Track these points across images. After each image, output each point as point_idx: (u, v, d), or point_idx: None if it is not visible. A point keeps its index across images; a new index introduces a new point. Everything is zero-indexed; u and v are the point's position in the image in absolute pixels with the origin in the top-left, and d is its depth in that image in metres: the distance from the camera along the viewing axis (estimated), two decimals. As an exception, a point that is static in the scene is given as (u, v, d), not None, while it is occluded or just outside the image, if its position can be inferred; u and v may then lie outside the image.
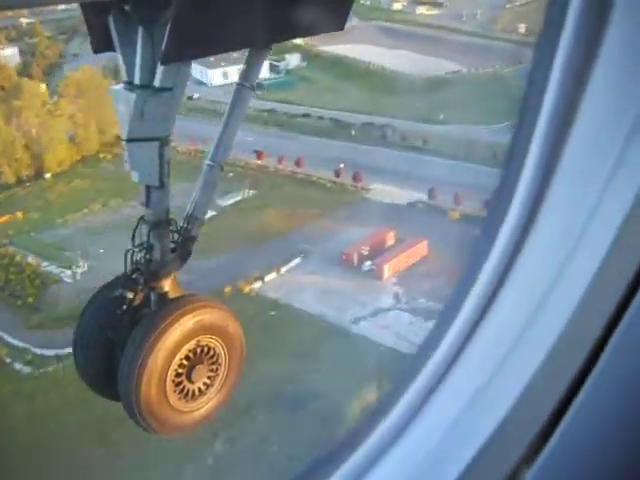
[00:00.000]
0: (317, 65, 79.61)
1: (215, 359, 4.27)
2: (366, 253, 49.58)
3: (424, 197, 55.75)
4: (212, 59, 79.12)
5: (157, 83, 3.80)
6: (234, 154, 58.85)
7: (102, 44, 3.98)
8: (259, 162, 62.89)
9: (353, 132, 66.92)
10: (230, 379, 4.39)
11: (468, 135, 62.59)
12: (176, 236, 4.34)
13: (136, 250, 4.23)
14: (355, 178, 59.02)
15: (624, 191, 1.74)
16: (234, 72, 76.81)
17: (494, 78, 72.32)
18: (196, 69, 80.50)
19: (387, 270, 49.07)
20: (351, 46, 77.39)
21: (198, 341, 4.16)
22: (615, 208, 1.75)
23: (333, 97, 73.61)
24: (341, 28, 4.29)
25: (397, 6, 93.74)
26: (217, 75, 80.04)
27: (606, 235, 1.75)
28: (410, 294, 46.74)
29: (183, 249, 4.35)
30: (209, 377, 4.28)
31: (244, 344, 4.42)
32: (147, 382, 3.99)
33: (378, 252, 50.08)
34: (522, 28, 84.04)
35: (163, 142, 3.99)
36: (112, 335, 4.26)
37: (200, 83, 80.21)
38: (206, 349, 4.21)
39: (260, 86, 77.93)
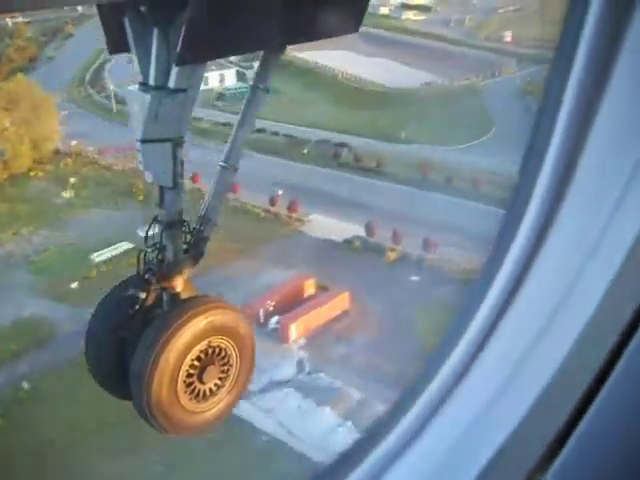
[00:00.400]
0: (287, 74, 74.72)
1: (226, 360, 4.30)
2: (271, 308, 43.18)
3: (363, 231, 50.96)
4: None
5: (172, 84, 3.83)
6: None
7: (117, 45, 4.01)
8: (194, 185, 51.99)
9: (305, 151, 63.19)
10: (241, 380, 4.41)
11: (428, 156, 60.44)
12: (189, 237, 4.36)
13: (149, 250, 4.25)
14: (290, 208, 54.14)
15: (636, 208, 1.76)
16: (214, 78, 76.44)
17: (467, 92, 70.96)
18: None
19: (295, 330, 42.72)
20: (328, 53, 75.63)
21: (209, 342, 4.18)
22: (627, 226, 1.76)
23: (295, 110, 70.47)
24: (356, 30, 4.31)
25: (384, 10, 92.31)
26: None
27: (618, 251, 1.76)
28: (316, 362, 40.78)
29: (196, 250, 4.37)
30: (220, 378, 4.30)
31: (255, 345, 4.44)
32: (158, 382, 4.02)
33: (294, 304, 43.92)
34: (507, 36, 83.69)
35: (177, 143, 4.02)
36: (124, 335, 4.28)
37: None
38: (217, 350, 4.23)
39: (221, 97, 77.16)
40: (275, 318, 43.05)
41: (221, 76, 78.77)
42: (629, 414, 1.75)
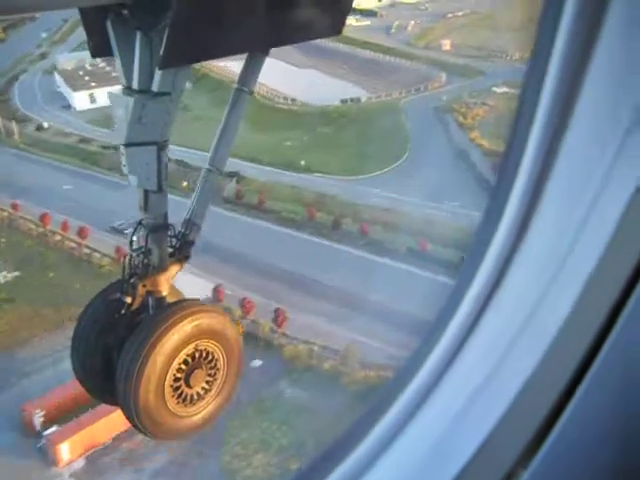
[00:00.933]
0: (201, 87, 69.26)
1: (213, 364, 4.29)
2: (42, 418, 31.20)
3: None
4: (83, 80, 72.77)
5: (155, 88, 3.82)
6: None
7: (100, 49, 3.98)
8: (46, 227, 48.13)
9: (185, 183, 49.09)
10: (229, 384, 4.40)
11: (324, 191, 52.63)
12: (174, 241, 4.36)
13: (134, 254, 4.23)
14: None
15: (623, 184, 1.75)
16: (102, 95, 66.34)
17: (387, 110, 66.00)
18: (63, 90, 73.75)
19: (68, 449, 30.55)
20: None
21: (196, 345, 4.17)
22: (614, 203, 1.77)
23: (197, 130, 56.92)
24: (339, 32, 4.35)
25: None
26: (82, 99, 70.94)
27: (603, 232, 1.77)
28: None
29: (181, 253, 4.37)
30: (207, 382, 4.29)
31: (242, 348, 4.44)
32: (145, 386, 3.99)
33: (82, 407, 30.11)
34: (446, 45, 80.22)
35: (161, 147, 4.01)
36: (110, 339, 4.26)
37: (66, 107, 71.96)
38: (204, 353, 4.22)
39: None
40: (53, 428, 31.61)
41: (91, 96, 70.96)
42: (606, 413, 1.78)
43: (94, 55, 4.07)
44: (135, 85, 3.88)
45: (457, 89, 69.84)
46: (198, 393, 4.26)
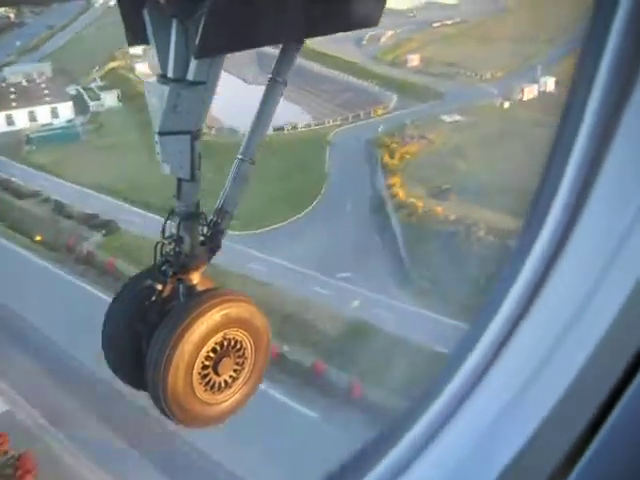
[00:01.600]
0: (131, 107, 60.35)
1: (242, 352, 4.32)
2: None
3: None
4: (8, 98, 62.99)
5: (190, 77, 3.84)
6: None
7: (137, 37, 4.01)
8: None
9: (38, 237, 43.88)
10: (256, 372, 4.43)
11: None
12: (205, 229, 4.38)
13: (166, 242, 4.27)
14: None
15: None
16: (22, 116, 61.41)
17: (314, 142, 57.17)
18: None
19: None
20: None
21: (225, 334, 4.20)
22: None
23: (104, 161, 53.09)
24: (375, 24, 4.31)
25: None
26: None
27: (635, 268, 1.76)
28: None
29: (212, 242, 4.39)
30: (235, 370, 4.33)
31: (270, 338, 4.47)
32: (174, 373, 4.04)
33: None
34: (414, 60, 72.62)
35: (195, 136, 4.04)
36: (141, 326, 4.30)
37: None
38: (233, 342, 4.26)
39: (29, 141, 59.23)
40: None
41: (53, 110, 64.48)
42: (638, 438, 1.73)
43: (130, 43, 4.11)
44: (170, 74, 3.89)
45: (403, 116, 60.84)
46: (226, 381, 4.30)
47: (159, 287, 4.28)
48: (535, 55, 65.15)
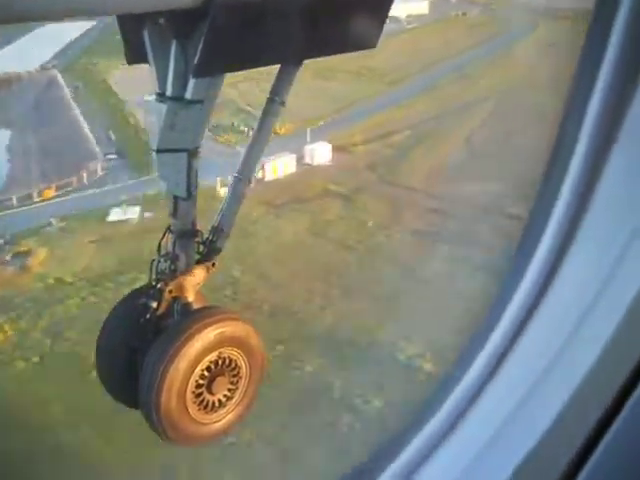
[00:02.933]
0: None
1: (236, 372, 4.32)
2: None
3: None
4: None
5: (188, 95, 3.86)
6: None
7: (136, 56, 4.05)
8: None
9: None
10: (250, 392, 4.42)
11: None
12: (201, 247, 4.41)
13: (161, 260, 4.29)
14: None
15: None
16: None
17: None
18: None
19: None
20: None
21: (220, 353, 4.20)
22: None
23: None
24: (374, 45, 4.34)
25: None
26: None
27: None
28: None
29: (208, 260, 4.42)
30: (229, 389, 4.31)
31: (265, 358, 4.46)
32: (168, 391, 4.03)
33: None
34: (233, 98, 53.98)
35: (192, 154, 4.06)
36: (135, 343, 4.30)
37: None
38: (227, 361, 4.25)
39: None
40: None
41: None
42: None
43: (130, 62, 4.12)
44: (169, 92, 3.92)
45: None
46: (220, 400, 4.29)
47: (154, 305, 4.29)
48: (365, 98, 57.16)
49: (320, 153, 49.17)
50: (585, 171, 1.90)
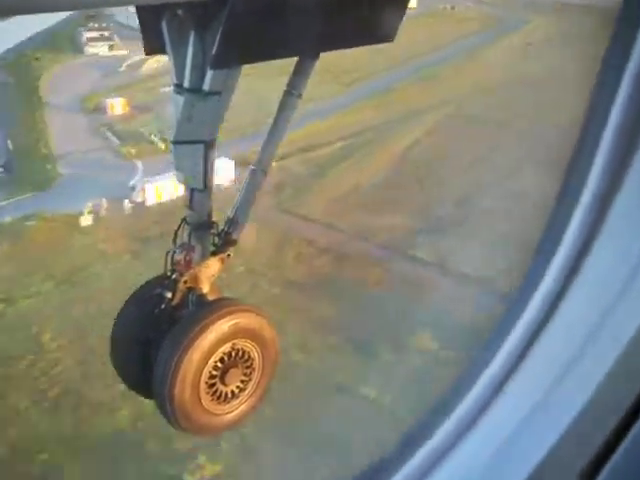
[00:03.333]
0: None
1: (249, 363, 4.34)
2: None
3: None
4: None
5: (206, 87, 3.87)
6: None
7: (154, 47, 4.05)
8: None
9: None
10: (262, 384, 4.45)
11: None
12: (217, 239, 4.43)
13: (177, 251, 4.30)
14: None
15: None
16: None
17: None
18: None
19: None
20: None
21: (234, 344, 4.22)
22: None
23: None
24: (391, 39, 4.32)
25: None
26: None
27: None
28: None
29: (223, 252, 4.43)
30: (242, 381, 4.34)
31: (279, 350, 4.49)
32: (181, 382, 4.05)
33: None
34: (114, 107, 50.29)
35: (208, 145, 4.08)
36: (150, 334, 4.32)
37: None
38: (241, 353, 4.27)
39: None
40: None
41: None
42: None
43: (148, 53, 4.13)
44: (186, 84, 3.93)
45: None
46: (232, 391, 4.31)
47: (169, 295, 4.31)
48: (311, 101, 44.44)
49: (221, 171, 37.91)
50: (605, 178, 1.89)
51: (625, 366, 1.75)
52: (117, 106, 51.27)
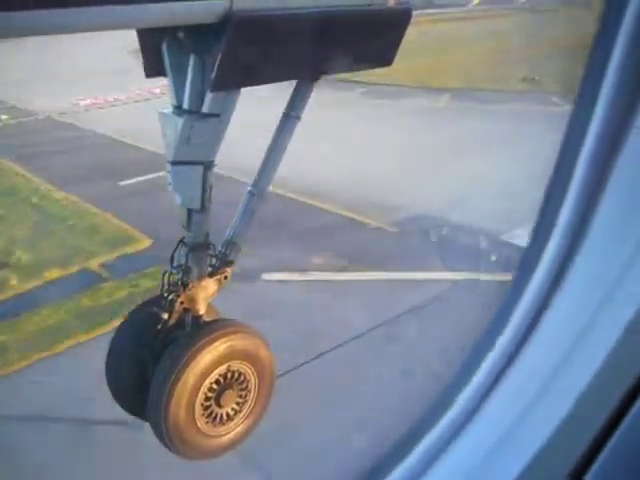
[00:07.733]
0: None
1: (245, 385, 4.33)
2: None
3: None
4: None
5: (205, 109, 3.90)
6: None
7: (154, 69, 4.09)
8: None
9: None
10: (258, 406, 4.42)
11: None
12: (214, 260, 4.42)
13: (174, 272, 4.30)
14: None
15: None
16: None
17: None
18: None
19: None
20: None
21: (229, 366, 4.22)
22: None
23: None
24: (390, 63, 4.35)
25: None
26: None
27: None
28: None
29: (220, 273, 4.43)
30: (238, 403, 4.33)
31: (275, 373, 4.47)
32: (176, 403, 4.03)
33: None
34: None
35: (207, 167, 4.09)
36: (145, 354, 4.32)
37: None
38: (237, 374, 4.27)
39: None
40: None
41: None
42: None
43: (148, 75, 4.17)
44: (185, 105, 3.96)
45: None
46: (228, 413, 4.30)
47: (165, 316, 4.31)
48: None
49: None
50: (589, 181, 1.89)
51: (614, 366, 1.75)
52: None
